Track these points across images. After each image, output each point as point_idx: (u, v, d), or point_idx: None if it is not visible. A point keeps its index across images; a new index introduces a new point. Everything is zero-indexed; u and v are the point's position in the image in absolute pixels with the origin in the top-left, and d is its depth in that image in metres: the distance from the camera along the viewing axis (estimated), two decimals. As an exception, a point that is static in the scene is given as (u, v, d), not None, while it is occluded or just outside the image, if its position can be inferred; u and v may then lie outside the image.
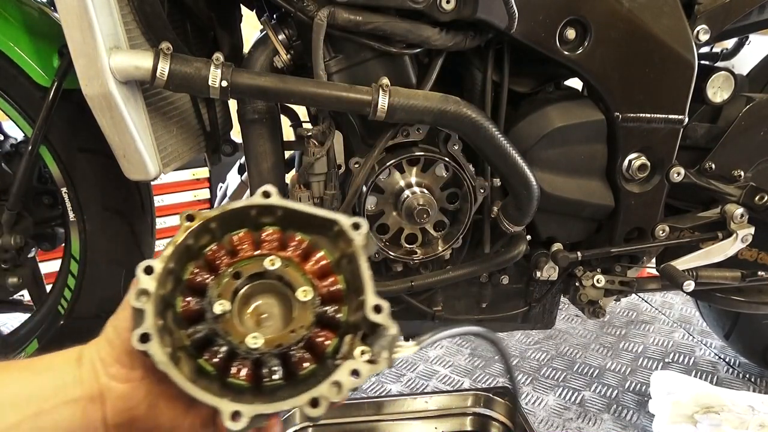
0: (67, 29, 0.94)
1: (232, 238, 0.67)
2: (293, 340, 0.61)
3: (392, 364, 0.63)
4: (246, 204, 0.67)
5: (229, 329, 0.61)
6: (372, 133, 1.12)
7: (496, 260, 1.22)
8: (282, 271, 0.63)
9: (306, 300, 0.62)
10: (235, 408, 0.57)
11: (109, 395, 0.61)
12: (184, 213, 0.65)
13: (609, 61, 1.09)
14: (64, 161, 1.20)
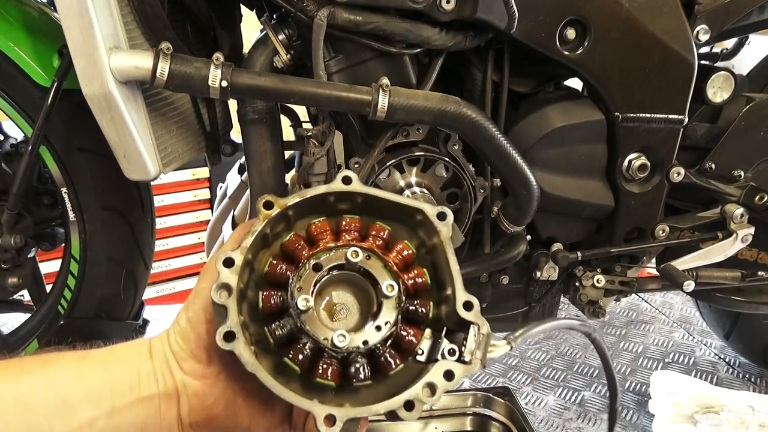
0: (67, 29, 0.94)
1: (310, 227, 0.64)
2: (380, 338, 0.58)
3: (485, 365, 0.60)
4: (326, 190, 0.64)
5: (313, 325, 0.57)
6: (372, 133, 1.12)
7: (496, 260, 1.22)
8: (364, 263, 0.60)
9: (391, 295, 0.58)
10: (329, 412, 0.54)
11: (185, 392, 0.59)
12: (261, 199, 0.61)
13: (609, 61, 1.09)
14: (64, 161, 1.20)
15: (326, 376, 0.58)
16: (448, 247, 0.62)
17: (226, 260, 0.58)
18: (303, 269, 0.59)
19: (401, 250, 0.63)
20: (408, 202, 0.64)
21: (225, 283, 0.57)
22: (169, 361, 0.59)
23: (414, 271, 0.63)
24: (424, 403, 0.56)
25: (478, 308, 0.59)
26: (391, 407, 0.56)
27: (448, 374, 0.57)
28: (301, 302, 0.56)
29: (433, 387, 0.57)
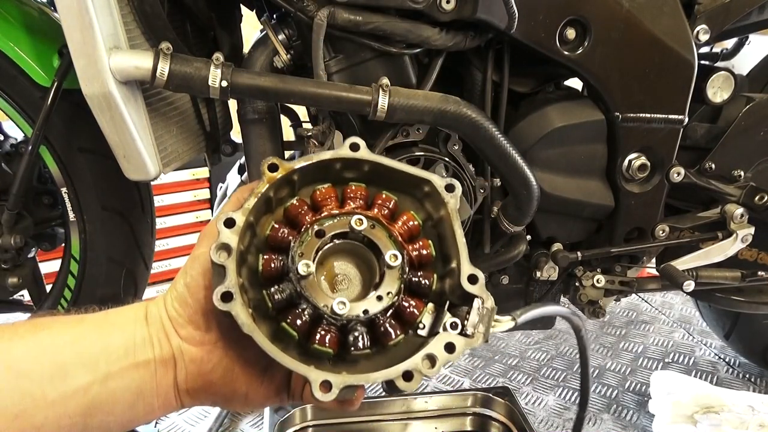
0: (67, 29, 0.94)
1: (315, 193, 0.62)
2: (381, 308, 0.57)
3: (488, 339, 0.59)
4: (333, 156, 0.62)
5: (313, 291, 0.56)
6: (372, 133, 1.12)
7: (496, 260, 1.22)
8: (368, 232, 0.59)
9: (395, 265, 0.57)
10: (325, 378, 0.53)
11: (182, 358, 0.58)
12: (266, 161, 0.60)
13: (609, 61, 1.09)
14: (64, 161, 1.20)
15: (324, 343, 0.57)
16: (455, 219, 0.61)
17: (227, 220, 0.56)
18: (305, 235, 0.58)
19: (407, 220, 0.62)
20: (416, 172, 0.63)
21: (225, 243, 0.55)
22: (165, 326, 0.58)
23: (419, 242, 0.62)
24: (423, 374, 0.55)
25: (483, 281, 0.59)
26: (389, 377, 0.55)
27: (449, 346, 0.56)
28: (302, 267, 0.55)
29: (433, 359, 0.56)
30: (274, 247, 0.60)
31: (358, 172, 0.64)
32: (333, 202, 0.62)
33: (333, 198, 0.62)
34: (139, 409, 0.57)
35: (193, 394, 0.59)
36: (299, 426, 1.27)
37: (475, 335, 0.57)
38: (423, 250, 0.61)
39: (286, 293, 0.57)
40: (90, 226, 1.24)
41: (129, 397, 0.56)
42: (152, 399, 0.57)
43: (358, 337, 0.57)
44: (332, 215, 0.60)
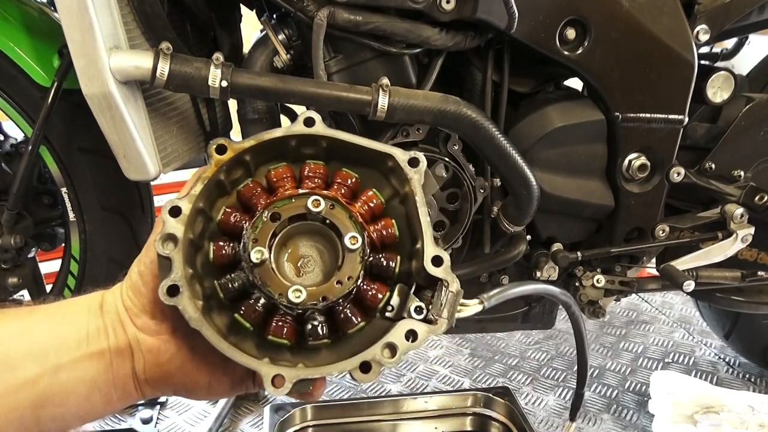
0: (67, 29, 0.94)
1: (269, 173, 0.59)
2: (340, 293, 0.53)
3: (453, 324, 0.55)
4: (285, 133, 0.58)
5: (267, 279, 0.53)
6: (372, 133, 1.12)
7: (496, 260, 1.22)
8: (327, 213, 0.55)
9: (355, 248, 0.54)
10: (277, 372, 0.51)
11: (139, 348, 0.56)
12: (213, 143, 0.56)
13: (609, 61, 1.09)
14: (64, 161, 1.20)
15: (280, 334, 0.54)
16: (419, 196, 0.57)
17: (172, 209, 0.54)
18: (259, 219, 0.54)
19: (368, 199, 0.58)
20: (376, 146, 0.58)
21: (170, 234, 0.53)
22: (121, 316, 0.56)
23: (382, 222, 0.58)
24: (382, 364, 0.52)
25: (449, 264, 0.55)
26: (345, 369, 0.52)
27: (410, 334, 0.53)
28: (255, 255, 0.52)
29: (393, 348, 0.53)
30: (227, 233, 0.57)
31: (317, 148, 0.60)
32: (289, 182, 0.58)
33: (289, 178, 0.58)
34: (96, 401, 0.56)
35: (152, 384, 0.58)
36: (299, 426, 1.27)
37: (439, 321, 0.55)
38: (385, 230, 0.58)
39: (238, 283, 0.55)
40: (90, 226, 1.24)
41: (83, 389, 0.55)
42: (109, 390, 0.56)
43: (316, 327, 0.55)
44: (288, 196, 0.56)
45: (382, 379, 1.68)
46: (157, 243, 0.53)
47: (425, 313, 0.55)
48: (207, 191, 0.56)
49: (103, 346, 0.55)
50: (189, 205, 0.54)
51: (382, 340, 0.53)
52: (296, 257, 0.57)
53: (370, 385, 1.65)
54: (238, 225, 0.56)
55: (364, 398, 1.51)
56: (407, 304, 0.55)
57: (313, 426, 1.27)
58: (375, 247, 0.57)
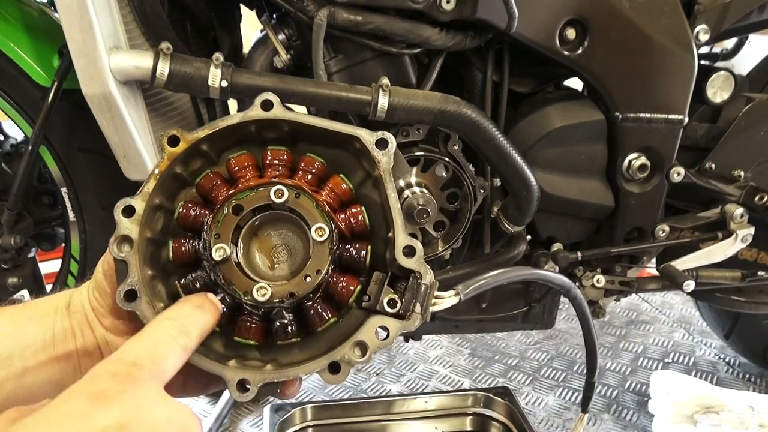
0: (67, 29, 0.94)
1: (229, 162, 0.55)
2: (308, 289, 0.50)
3: (427, 318, 0.52)
4: (241, 119, 0.54)
5: (231, 277, 0.50)
6: (372, 133, 1.12)
7: (496, 260, 1.22)
8: (292, 203, 0.51)
9: (322, 239, 0.50)
10: (242, 377, 0.49)
11: (108, 349, 0.54)
12: (165, 134, 0.53)
13: (609, 61, 1.09)
14: (64, 161, 1.20)
15: (246, 335, 0.52)
16: (388, 180, 0.53)
17: (125, 209, 0.51)
18: (220, 213, 0.51)
19: (334, 186, 0.54)
20: (339, 127, 0.54)
21: (124, 235, 0.50)
22: (88, 316, 0.55)
23: (351, 209, 0.54)
24: (352, 364, 0.50)
25: (422, 254, 0.51)
26: (312, 370, 0.50)
27: (381, 331, 0.51)
28: (216, 252, 0.49)
29: (363, 346, 0.50)
30: (188, 229, 0.54)
31: (280, 132, 0.55)
32: (251, 171, 0.54)
33: (251, 166, 0.55)
34: None
35: None
36: (299, 426, 1.27)
37: (412, 316, 0.51)
38: (354, 218, 0.54)
39: (200, 283, 0.52)
40: (90, 226, 1.24)
41: (51, 392, 0.53)
42: None
43: (285, 326, 0.52)
44: (250, 187, 0.52)
45: (382, 379, 1.68)
46: (111, 246, 0.50)
47: (398, 307, 0.51)
48: (164, 186, 0.53)
49: (70, 348, 0.54)
50: (143, 204, 0.51)
51: (351, 339, 0.50)
52: (269, 247, 0.54)
53: (370, 385, 1.65)
54: (198, 220, 0.53)
55: (364, 398, 1.51)
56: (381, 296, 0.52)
57: (313, 426, 1.27)
58: (344, 236, 0.53)
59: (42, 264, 1.45)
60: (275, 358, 0.53)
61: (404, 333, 0.51)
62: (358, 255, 0.53)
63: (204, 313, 0.50)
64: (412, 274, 0.52)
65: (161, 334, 0.47)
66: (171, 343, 0.47)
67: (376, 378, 1.68)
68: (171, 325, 0.48)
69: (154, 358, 0.45)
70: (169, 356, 0.46)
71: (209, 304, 0.51)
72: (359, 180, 0.56)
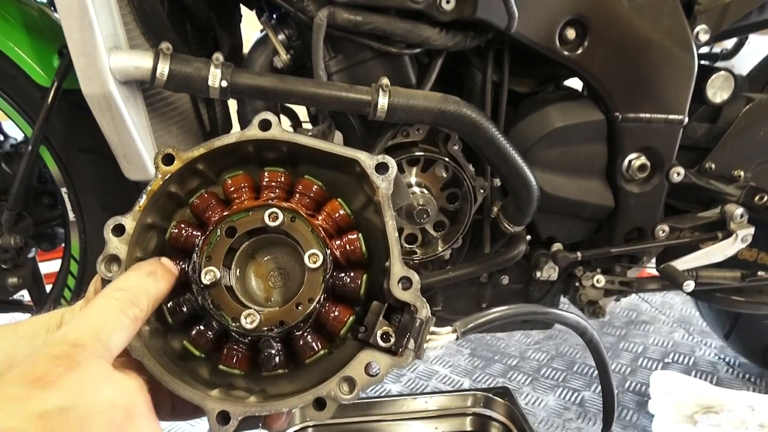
0: (67, 29, 0.94)
1: (225, 183, 0.53)
2: (298, 318, 0.48)
3: (421, 356, 0.49)
4: (238, 139, 0.52)
5: (221, 302, 0.48)
6: (372, 133, 1.12)
7: (496, 260, 1.22)
8: (287, 227, 0.49)
9: (316, 266, 0.48)
10: (222, 408, 0.47)
11: None
12: (159, 153, 0.51)
13: (609, 61, 1.09)
14: (63, 161, 1.20)
15: (231, 363, 0.50)
16: (386, 207, 0.50)
17: (115, 227, 0.49)
18: (213, 234, 0.49)
19: (332, 211, 0.52)
20: (338, 150, 0.51)
21: (113, 255, 0.49)
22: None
23: (347, 236, 0.52)
24: (338, 400, 0.47)
25: (418, 286, 0.48)
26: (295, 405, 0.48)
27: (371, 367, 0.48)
28: (206, 276, 0.48)
29: (351, 382, 0.48)
30: (179, 251, 0.52)
31: (279, 153, 0.53)
32: (247, 193, 0.52)
33: (248, 187, 0.53)
34: None
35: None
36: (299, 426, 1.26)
37: (405, 353, 0.48)
38: (350, 245, 0.51)
39: (187, 307, 0.50)
40: (90, 227, 1.24)
41: None
42: None
43: (271, 356, 0.49)
44: (245, 209, 0.50)
45: (382, 379, 1.68)
46: (99, 265, 0.49)
47: (392, 341, 0.48)
48: (158, 205, 0.52)
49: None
50: (133, 223, 0.50)
51: (339, 374, 0.48)
52: (266, 271, 0.52)
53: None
54: (189, 241, 0.51)
55: (364, 398, 1.51)
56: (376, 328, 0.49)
57: (313, 426, 1.27)
58: (339, 264, 0.51)
59: (42, 264, 1.45)
60: (264, 389, 0.51)
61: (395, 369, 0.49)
62: (352, 284, 0.51)
63: (156, 280, 0.48)
64: (407, 308, 0.49)
65: (108, 308, 0.46)
66: (119, 316, 0.45)
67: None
68: (119, 297, 0.46)
69: (99, 336, 0.43)
70: (116, 331, 0.44)
71: (162, 270, 0.49)
72: (361, 204, 0.54)
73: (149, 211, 0.51)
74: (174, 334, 0.52)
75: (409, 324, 0.48)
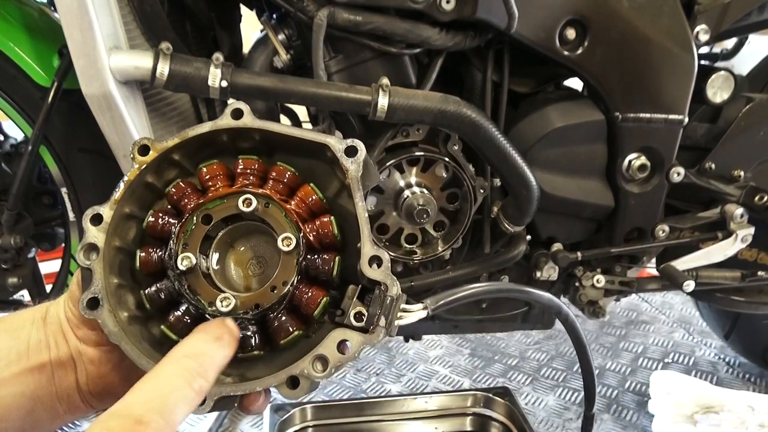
0: (67, 29, 0.94)
1: (200, 172, 0.54)
2: (273, 300, 0.50)
3: (393, 333, 0.51)
4: (211, 128, 0.53)
5: (197, 287, 0.50)
6: (372, 133, 1.12)
7: (496, 260, 1.22)
8: (262, 213, 0.51)
9: (289, 249, 0.50)
10: None
11: (81, 360, 0.54)
12: (136, 143, 0.52)
13: (609, 61, 1.09)
14: (64, 161, 1.20)
15: None
16: (356, 189, 0.52)
17: (93, 217, 0.51)
18: (189, 222, 0.51)
19: (304, 196, 0.54)
20: (308, 136, 0.53)
21: (91, 243, 0.50)
22: (63, 327, 0.54)
23: (321, 219, 0.53)
24: (312, 378, 0.48)
25: (388, 265, 0.50)
26: (269, 384, 0.49)
27: (343, 344, 0.49)
28: (182, 262, 0.49)
29: (324, 360, 0.49)
30: (157, 239, 0.53)
31: (253, 141, 0.55)
32: (222, 181, 0.54)
33: (222, 176, 0.54)
34: (41, 415, 0.54)
35: (97, 396, 0.56)
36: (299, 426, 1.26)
37: (376, 330, 0.49)
38: (322, 229, 0.53)
39: (165, 293, 0.52)
40: (90, 226, 1.24)
41: (25, 403, 0.52)
42: (53, 403, 0.54)
43: (248, 338, 0.51)
44: (219, 196, 0.52)
45: (382, 379, 1.68)
46: (78, 253, 0.50)
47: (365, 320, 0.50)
48: (136, 195, 0.53)
49: (44, 359, 0.53)
50: (111, 212, 0.51)
51: (311, 352, 0.49)
52: (245, 259, 0.54)
53: (370, 385, 1.65)
54: (166, 229, 0.52)
55: (364, 398, 1.51)
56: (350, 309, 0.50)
57: (313, 426, 1.27)
58: (312, 247, 0.52)
59: (42, 264, 1.45)
60: (242, 373, 0.52)
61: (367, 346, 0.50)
62: (325, 266, 0.52)
63: (223, 346, 0.48)
64: (377, 286, 0.50)
65: (174, 378, 0.44)
66: (184, 389, 0.44)
67: (376, 378, 1.68)
68: (187, 366, 0.45)
69: (163, 411, 0.42)
70: (180, 406, 0.43)
71: (229, 335, 0.49)
72: (335, 191, 0.55)
73: (127, 201, 0.52)
74: (152, 321, 0.54)
75: (379, 302, 0.49)
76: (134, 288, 0.54)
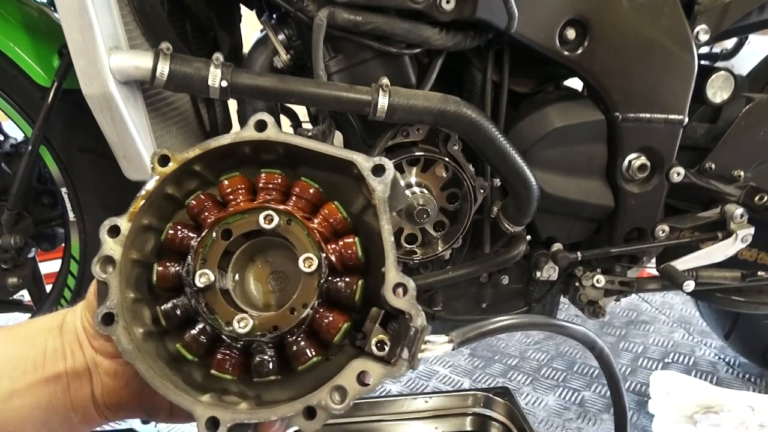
0: (67, 29, 0.94)
1: (221, 184, 0.52)
2: (292, 323, 0.47)
3: (416, 366, 0.48)
4: (233, 140, 0.51)
5: (215, 305, 0.48)
6: (372, 133, 1.12)
7: (496, 260, 1.22)
8: (283, 230, 0.49)
9: (310, 271, 0.48)
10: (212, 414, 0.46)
11: (97, 371, 0.53)
12: (155, 154, 0.51)
13: (609, 61, 1.09)
14: (64, 161, 1.20)
15: (223, 369, 0.49)
16: (382, 211, 0.49)
17: (110, 229, 0.49)
18: (208, 237, 0.49)
19: (328, 215, 0.51)
20: (334, 152, 0.50)
21: (107, 256, 0.49)
22: (80, 337, 0.53)
23: (345, 239, 0.50)
24: (329, 410, 0.46)
25: (414, 293, 0.47)
26: (285, 414, 0.46)
27: (363, 376, 0.47)
28: (200, 279, 0.47)
29: (343, 391, 0.46)
30: (175, 252, 0.51)
31: (275, 153, 0.53)
32: (243, 195, 0.52)
33: (244, 189, 0.52)
34: (55, 426, 0.53)
35: (111, 408, 0.55)
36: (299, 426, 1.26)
37: (398, 363, 0.46)
38: (345, 250, 0.50)
39: (181, 310, 0.49)
40: (90, 227, 1.24)
41: (40, 414, 0.52)
42: (68, 414, 0.53)
43: (264, 362, 0.48)
44: (241, 210, 0.49)
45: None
46: (94, 266, 0.49)
47: (386, 350, 0.47)
48: (155, 206, 0.52)
49: (59, 369, 0.52)
50: (129, 224, 0.50)
51: (330, 383, 0.46)
52: (266, 274, 0.51)
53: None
54: (185, 243, 0.50)
55: (364, 398, 1.51)
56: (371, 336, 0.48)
57: (313, 426, 1.27)
58: (335, 269, 0.50)
59: (42, 264, 1.45)
60: (259, 394, 0.50)
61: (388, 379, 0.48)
62: (347, 290, 0.49)
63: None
64: (401, 316, 0.47)
65: None
66: None
67: (376, 378, 1.67)
68: None
69: None
70: None
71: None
72: (360, 207, 0.53)
73: (146, 212, 0.51)
74: (169, 337, 0.52)
75: (403, 333, 0.46)
76: (151, 302, 0.52)
